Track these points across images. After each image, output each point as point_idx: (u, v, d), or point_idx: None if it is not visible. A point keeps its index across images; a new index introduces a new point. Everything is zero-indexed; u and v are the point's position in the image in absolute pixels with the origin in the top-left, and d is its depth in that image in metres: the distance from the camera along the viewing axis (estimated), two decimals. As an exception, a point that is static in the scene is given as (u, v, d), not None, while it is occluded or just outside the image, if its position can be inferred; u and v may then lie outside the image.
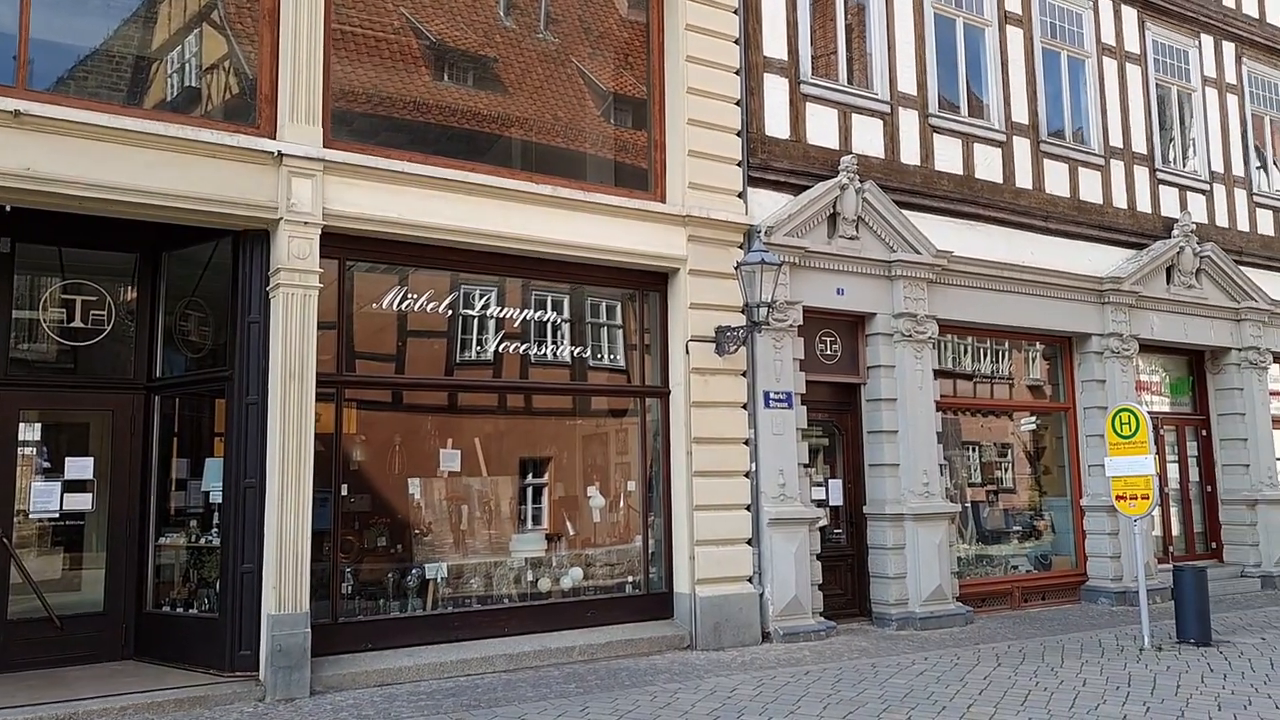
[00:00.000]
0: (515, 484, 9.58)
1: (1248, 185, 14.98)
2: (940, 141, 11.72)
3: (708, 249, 9.80)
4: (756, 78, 10.43)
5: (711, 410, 9.61)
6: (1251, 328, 14.16)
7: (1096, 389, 12.56)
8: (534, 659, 8.44)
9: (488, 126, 9.52)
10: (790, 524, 9.75)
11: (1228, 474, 14.15)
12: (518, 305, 9.41)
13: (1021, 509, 12.90)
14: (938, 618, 10.43)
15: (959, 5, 12.18)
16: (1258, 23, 15.50)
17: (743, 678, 8.05)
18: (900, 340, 10.81)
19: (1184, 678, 8.01)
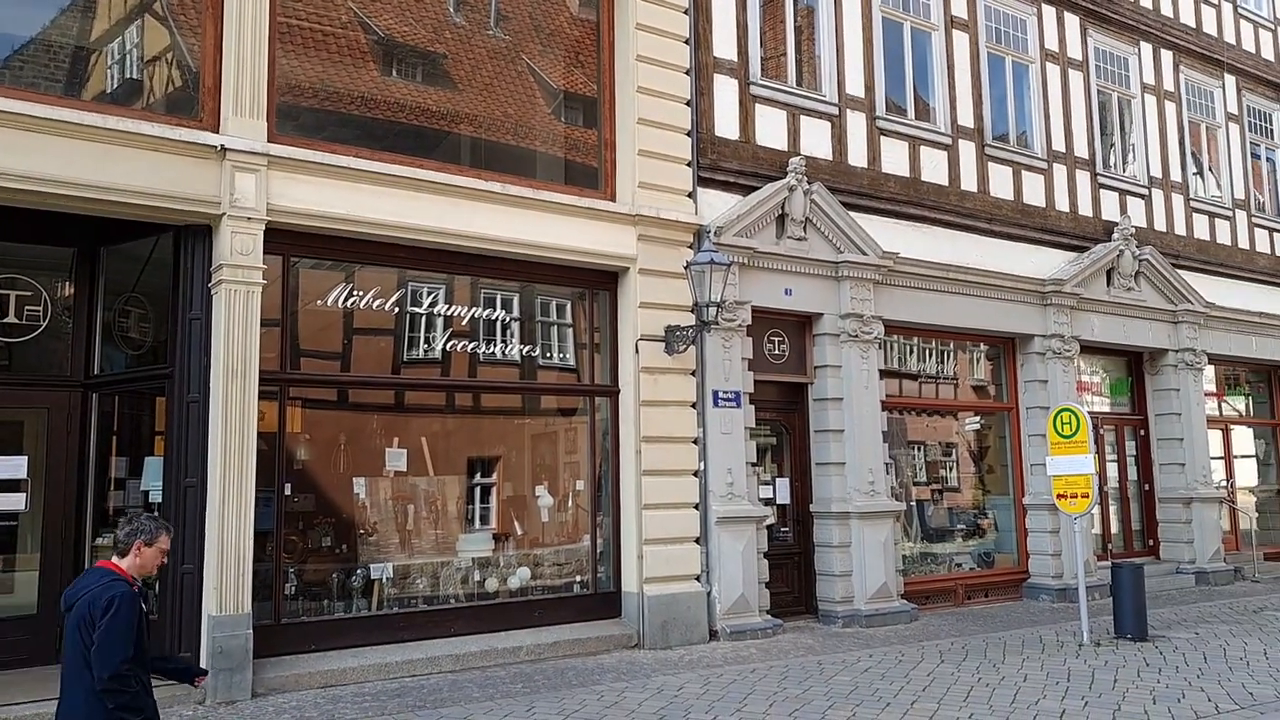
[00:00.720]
0: (463, 483, 9.51)
1: (1185, 190, 15.36)
2: (887, 144, 11.86)
3: (657, 248, 9.82)
4: (706, 78, 10.47)
5: (660, 409, 9.64)
6: (1188, 330, 14.52)
7: (1039, 389, 12.80)
8: (481, 659, 8.40)
9: (436, 123, 9.44)
10: (738, 522, 9.81)
11: (1164, 473, 14.49)
12: (466, 303, 9.34)
13: (965, 507, 13.10)
14: (883, 615, 10.56)
15: (907, 9, 12.33)
16: (1194, 32, 15.90)
17: (689, 676, 8.09)
18: (847, 340, 10.92)
19: (1121, 672, 8.19)
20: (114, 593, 3.89)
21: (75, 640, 3.87)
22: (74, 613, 3.92)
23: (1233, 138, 16.32)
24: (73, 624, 3.90)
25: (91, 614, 3.85)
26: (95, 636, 3.81)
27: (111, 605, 3.85)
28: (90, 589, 3.93)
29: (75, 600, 3.97)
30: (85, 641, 3.84)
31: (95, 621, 3.83)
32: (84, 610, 3.87)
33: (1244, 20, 16.90)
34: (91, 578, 4.04)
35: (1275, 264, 16.55)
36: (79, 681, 3.86)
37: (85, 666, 3.84)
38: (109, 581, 3.96)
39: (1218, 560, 14.26)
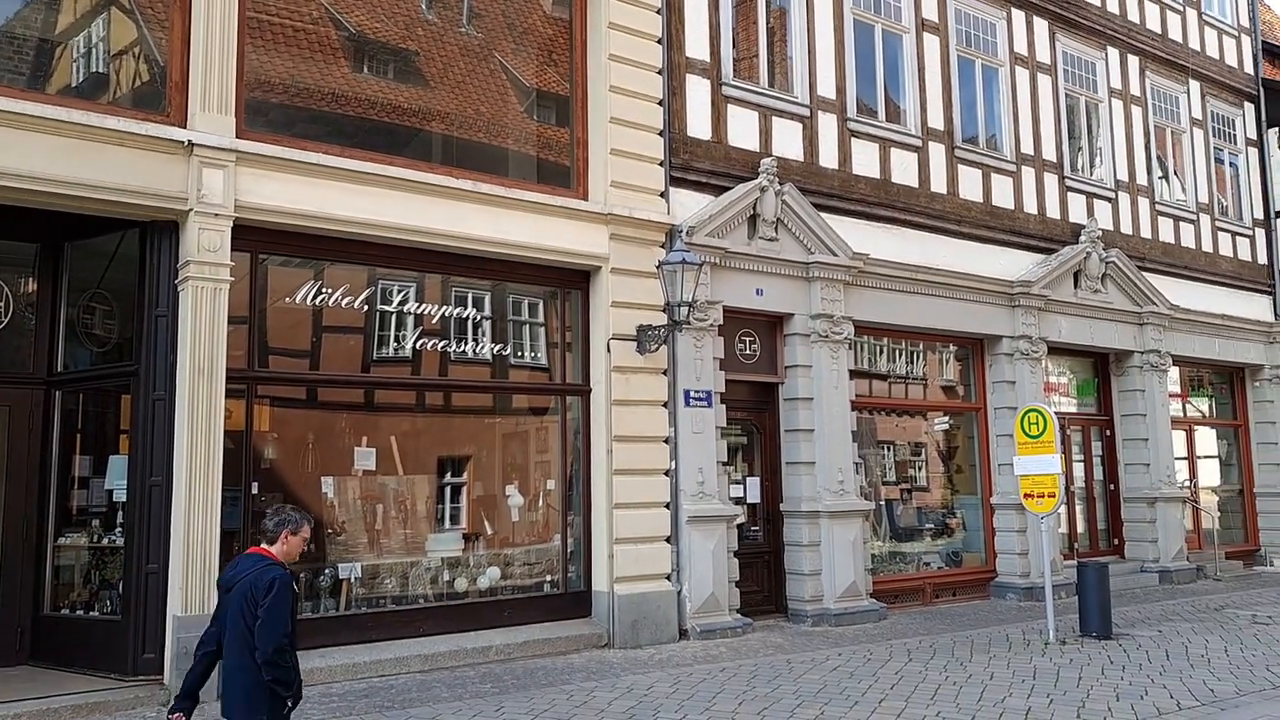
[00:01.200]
0: (432, 483, 9.47)
1: (1150, 194, 15.56)
2: (858, 146, 11.93)
3: (630, 248, 9.82)
4: (679, 78, 10.48)
5: (632, 409, 9.64)
6: (1153, 331, 14.72)
7: (1006, 390, 12.92)
8: (450, 659, 8.36)
9: (408, 120, 9.40)
10: (709, 521, 9.83)
11: (1129, 473, 14.68)
12: (437, 301, 9.30)
13: (934, 507, 13.21)
14: (852, 614, 10.62)
15: (878, 12, 12.41)
16: (1159, 37, 16.12)
17: (659, 675, 8.10)
18: (817, 341, 10.98)
19: (1086, 670, 8.29)
20: (273, 575, 4.31)
21: (238, 617, 4.27)
22: (235, 592, 4.33)
23: (1197, 142, 16.56)
24: (235, 602, 4.30)
25: (254, 594, 4.24)
26: (259, 614, 4.20)
27: (272, 587, 4.25)
28: (248, 572, 4.35)
29: (235, 581, 4.37)
30: (247, 619, 4.24)
31: (258, 600, 4.23)
32: (245, 590, 4.27)
33: (1208, 27, 17.15)
34: (248, 562, 4.44)
35: (1238, 267, 16.82)
36: (239, 655, 4.27)
37: (246, 642, 4.24)
38: (266, 565, 4.37)
39: (1181, 559, 14.46)
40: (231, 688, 4.33)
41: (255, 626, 4.21)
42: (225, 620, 4.37)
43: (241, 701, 4.29)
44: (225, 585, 4.47)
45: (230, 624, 4.32)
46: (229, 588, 4.40)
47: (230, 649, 4.32)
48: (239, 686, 4.29)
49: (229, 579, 4.44)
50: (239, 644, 4.27)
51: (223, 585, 4.51)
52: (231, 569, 4.51)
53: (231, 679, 4.32)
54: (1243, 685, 7.69)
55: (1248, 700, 7.25)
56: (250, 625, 4.23)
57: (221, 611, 4.43)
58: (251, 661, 4.22)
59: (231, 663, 4.31)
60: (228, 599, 4.38)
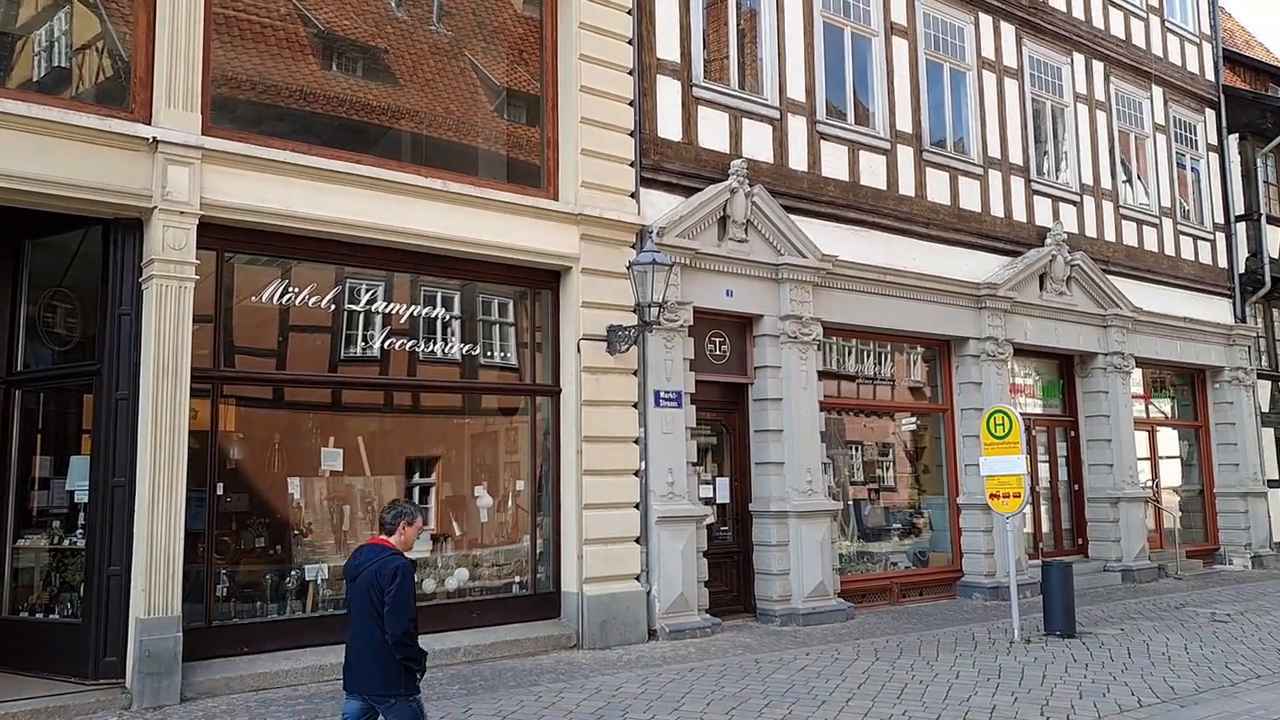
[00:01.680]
0: (401, 483, 9.41)
1: (1115, 198, 15.78)
2: (827, 148, 12.00)
3: (600, 248, 9.82)
4: (649, 79, 10.49)
5: (602, 409, 9.64)
6: (1116, 333, 14.92)
7: (973, 391, 13.05)
8: (417, 661, 8.31)
9: (377, 118, 9.34)
10: (678, 522, 9.85)
11: (1093, 473, 14.88)
12: (406, 301, 9.24)
13: (901, 507, 13.31)
14: (820, 613, 10.68)
15: (847, 15, 12.49)
16: (1124, 44, 16.35)
17: (628, 676, 8.10)
18: (786, 342, 11.03)
19: (1049, 668, 8.39)
20: (397, 564, 4.63)
21: (365, 603, 4.59)
22: (360, 580, 4.64)
23: (1159, 147, 16.81)
24: (362, 589, 4.62)
25: (379, 581, 4.55)
26: (387, 599, 4.51)
27: (397, 574, 4.56)
28: (372, 562, 4.66)
29: (360, 570, 4.68)
30: (375, 604, 4.54)
31: (384, 587, 4.53)
32: (371, 578, 4.59)
33: (1170, 34, 17.42)
34: (371, 552, 4.75)
35: (1199, 271, 17.09)
36: (370, 636, 4.58)
37: (375, 624, 4.54)
38: (389, 555, 4.68)
39: (1143, 558, 14.68)
40: (365, 666, 4.62)
41: (384, 611, 4.51)
42: (351, 604, 4.72)
43: (378, 678, 4.60)
44: (351, 574, 4.76)
45: (359, 609, 4.64)
46: (354, 577, 4.71)
47: (360, 631, 4.64)
48: (373, 664, 4.60)
49: (354, 568, 4.75)
50: (369, 626, 4.58)
51: (348, 574, 4.81)
52: (355, 559, 4.82)
53: (364, 658, 4.62)
54: (1202, 682, 7.83)
55: (1207, 697, 7.38)
56: (378, 609, 4.53)
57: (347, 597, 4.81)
58: (382, 641, 4.53)
59: (362, 644, 4.63)
60: (353, 586, 4.70)
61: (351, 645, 4.69)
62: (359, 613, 4.65)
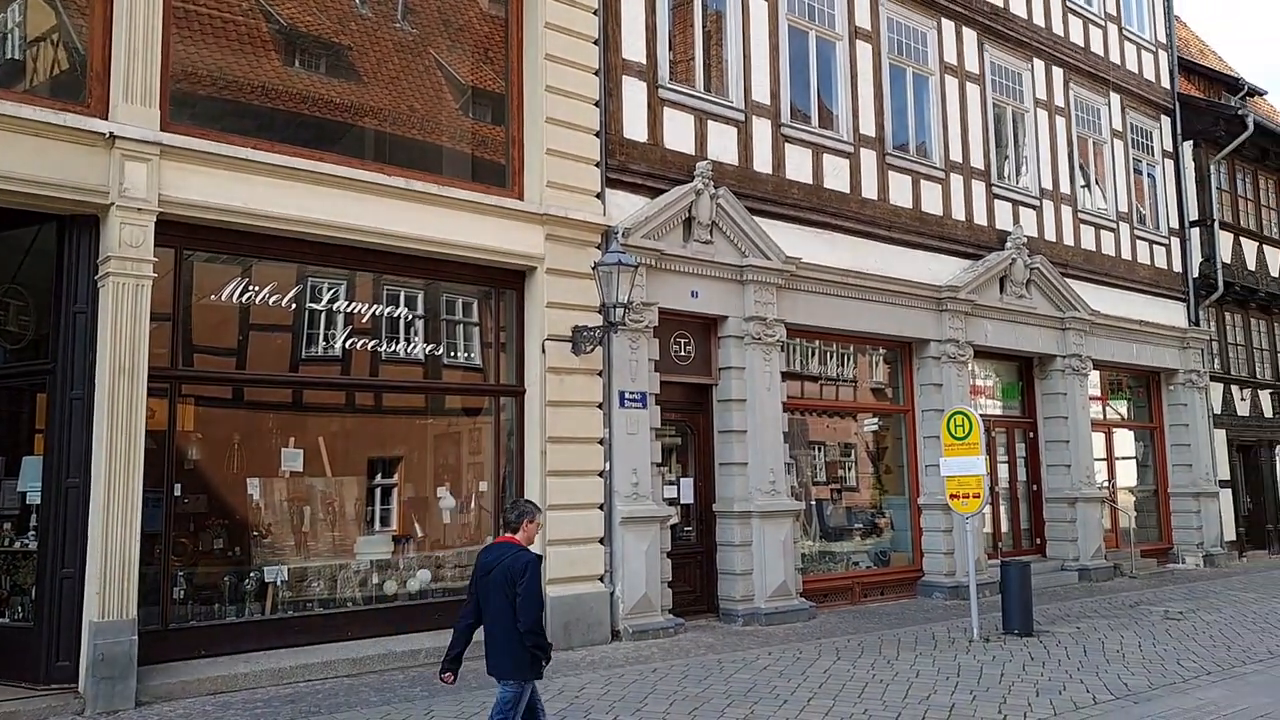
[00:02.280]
0: (362, 484, 9.34)
1: (1073, 202, 16.01)
2: (791, 150, 12.07)
3: (565, 248, 9.80)
4: (615, 79, 10.49)
5: (567, 410, 9.62)
6: (1075, 336, 15.15)
7: (934, 392, 13.18)
8: (378, 662, 8.25)
9: (340, 115, 9.25)
10: (642, 522, 9.86)
11: (1051, 473, 15.09)
12: (369, 300, 9.17)
13: (863, 507, 13.42)
14: (782, 613, 10.74)
15: (812, 18, 12.57)
16: (1083, 51, 16.60)
17: (591, 676, 8.09)
18: (750, 343, 11.08)
19: (1007, 667, 8.50)
20: (527, 559, 5.07)
21: (500, 594, 5.00)
22: (494, 575, 5.05)
23: (1117, 153, 17.09)
24: (497, 583, 5.02)
25: (512, 575, 4.98)
26: (519, 592, 4.94)
27: (527, 569, 5.00)
28: (505, 557, 5.09)
29: (494, 565, 5.09)
30: (509, 596, 4.97)
31: (515, 580, 4.96)
32: (505, 572, 5.01)
33: (1128, 42, 17.72)
34: (501, 549, 5.19)
35: (1155, 275, 17.39)
36: (504, 624, 4.99)
37: (509, 614, 4.96)
38: (518, 551, 5.12)
39: (1099, 558, 14.92)
40: (499, 651, 5.04)
41: (517, 603, 4.93)
42: (487, 597, 5.07)
43: (509, 662, 5.03)
44: (484, 569, 5.15)
45: (494, 600, 5.04)
46: (488, 571, 5.11)
47: (495, 620, 5.04)
48: (506, 650, 5.02)
49: (488, 563, 5.15)
50: (503, 616, 4.99)
51: (481, 568, 5.19)
52: (486, 555, 5.25)
53: (498, 644, 5.03)
54: (1154, 679, 7.96)
55: (1159, 694, 7.51)
56: (511, 601, 4.95)
57: (476, 590, 5.17)
58: (515, 630, 4.95)
59: (497, 631, 5.03)
60: (488, 580, 5.09)
61: (487, 633, 5.08)
62: (494, 605, 5.04)
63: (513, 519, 5.29)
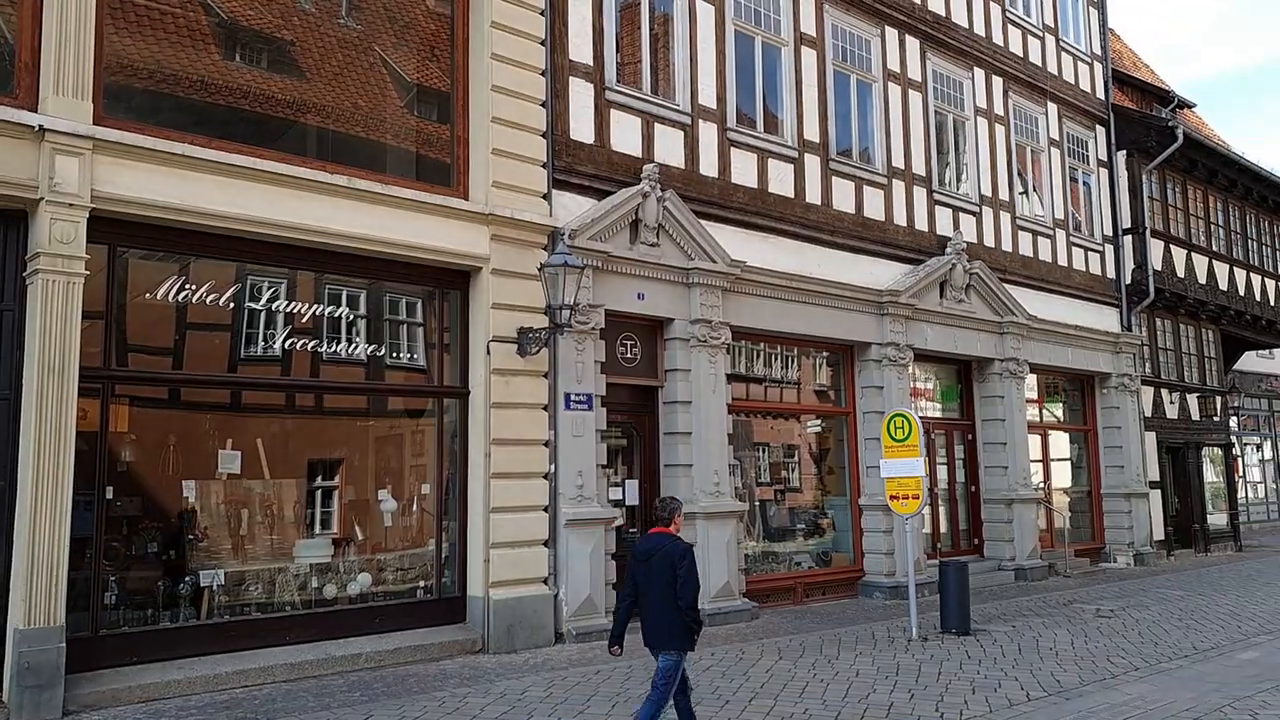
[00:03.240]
0: (302, 487, 9.20)
1: (1011, 209, 16.34)
2: (737, 155, 12.15)
3: (511, 249, 9.75)
4: (562, 81, 10.47)
5: (511, 411, 9.57)
6: (1012, 340, 15.46)
7: (875, 395, 13.36)
8: (317, 667, 8.14)
9: (282, 111, 9.10)
10: (587, 525, 9.85)
11: (989, 475, 15.38)
12: (310, 300, 9.03)
13: (806, 507, 13.55)
14: (725, 614, 10.80)
15: (758, 24, 12.67)
16: (1022, 61, 16.96)
17: (534, 679, 8.07)
18: (696, 345, 11.13)
19: (945, 665, 8.64)
20: (684, 546, 5.89)
21: (662, 577, 5.77)
22: (655, 560, 5.83)
23: (1054, 161, 17.48)
24: (658, 567, 5.80)
25: (672, 560, 5.78)
26: (679, 574, 5.73)
27: (686, 555, 5.82)
28: (664, 545, 5.89)
29: (654, 553, 5.87)
30: (669, 578, 5.74)
31: (676, 565, 5.75)
32: (665, 558, 5.80)
33: (1065, 53, 18.15)
34: (657, 538, 5.98)
35: (1089, 281, 17.83)
36: (666, 604, 5.77)
37: (670, 593, 5.74)
38: (675, 539, 5.95)
39: (1035, 557, 15.24)
40: (659, 626, 5.80)
41: (677, 584, 5.71)
42: (648, 579, 5.83)
43: (669, 636, 5.78)
44: (644, 555, 5.94)
45: (656, 583, 5.80)
46: (648, 557, 5.88)
47: (654, 599, 5.80)
48: (665, 625, 5.78)
49: (647, 550, 5.94)
50: (664, 595, 5.75)
51: (639, 555, 5.99)
52: (645, 544, 6.03)
53: (658, 620, 5.80)
54: (1085, 676, 8.17)
55: (1090, 690, 7.71)
56: (671, 582, 5.72)
57: (634, 573, 5.95)
58: (674, 608, 5.73)
59: (657, 609, 5.80)
60: (648, 565, 5.85)
61: (647, 611, 5.84)
62: (655, 586, 5.80)
63: (664, 515, 6.12)
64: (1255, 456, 27.49)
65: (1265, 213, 23.31)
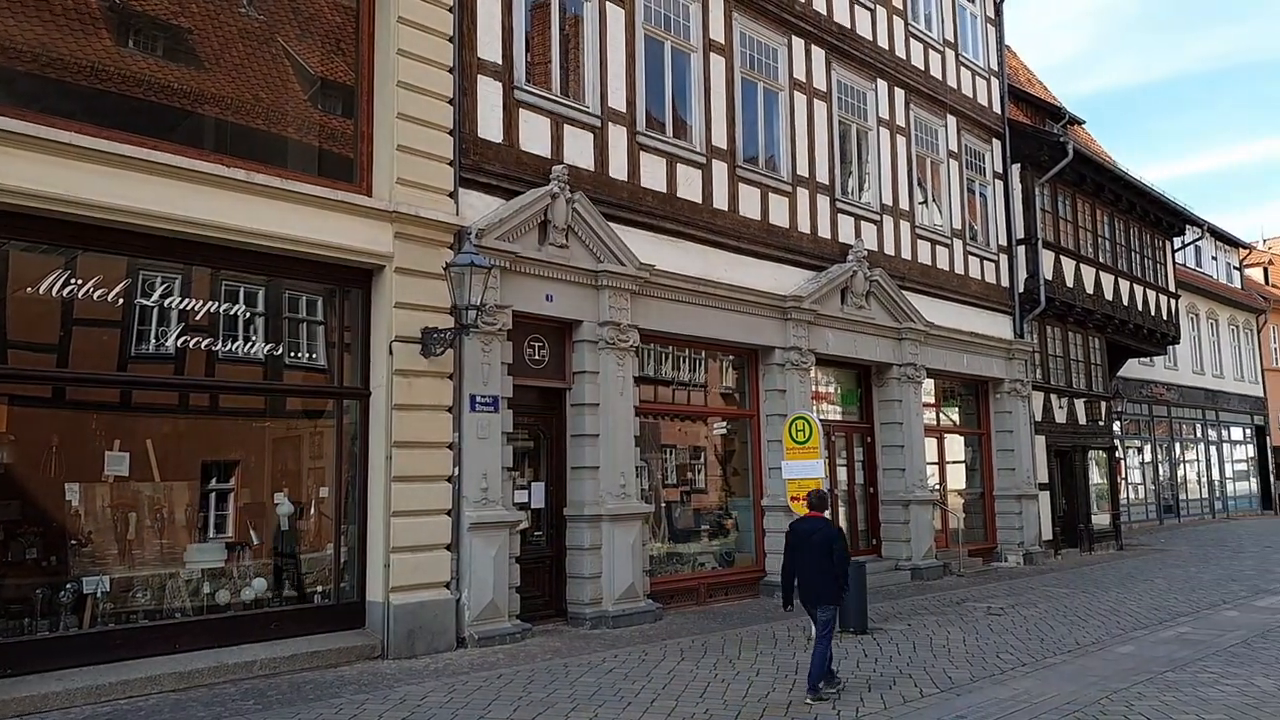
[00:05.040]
0: (195, 489, 8.90)
1: (911, 218, 16.81)
2: (646, 159, 12.22)
3: (416, 247, 9.62)
4: (470, 78, 10.37)
5: (414, 413, 9.44)
6: (910, 346, 15.89)
7: (778, 398, 13.58)
8: (209, 676, 7.88)
9: (178, 102, 8.79)
10: (491, 528, 9.77)
11: (887, 477, 15.78)
12: (206, 297, 8.76)
13: (711, 509, 13.70)
14: (629, 615, 10.85)
15: (668, 29, 12.76)
16: (923, 74, 17.46)
17: (434, 685, 7.97)
18: (604, 348, 11.15)
19: (843, 664, 8.80)
20: (837, 530, 7.95)
21: (820, 551, 7.62)
22: (815, 538, 7.67)
23: (952, 173, 18.04)
24: (818, 544, 7.65)
25: (831, 540, 7.66)
26: (835, 548, 7.63)
27: (839, 536, 7.81)
28: (821, 528, 7.77)
29: (813, 533, 7.72)
30: (826, 551, 7.60)
31: (832, 543, 7.64)
32: (824, 537, 7.68)
33: (964, 68, 18.74)
34: (816, 521, 7.86)
35: (985, 289, 18.45)
36: (823, 572, 7.61)
37: (828, 563, 7.59)
38: (828, 523, 7.91)
39: (930, 557, 15.69)
40: (816, 588, 7.64)
41: (834, 557, 7.59)
42: (810, 553, 7.64)
43: (825, 595, 7.63)
44: (805, 534, 7.75)
45: (814, 556, 7.63)
46: (809, 536, 7.71)
47: (813, 569, 7.63)
48: (825, 586, 7.62)
49: (807, 531, 7.77)
50: (821, 566, 7.61)
51: (800, 534, 7.80)
52: (805, 525, 7.87)
53: (816, 584, 7.64)
54: (976, 672, 8.45)
55: (980, 685, 7.97)
56: (828, 554, 7.59)
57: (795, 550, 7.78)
58: (829, 575, 7.59)
59: (815, 576, 7.64)
60: (809, 542, 7.67)
61: (808, 576, 7.65)
62: (814, 559, 7.62)
63: (817, 503, 8.08)
64: (1136, 459, 28.84)
65: (1147, 226, 24.46)
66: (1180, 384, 30.46)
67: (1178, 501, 30.58)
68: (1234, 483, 34.13)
